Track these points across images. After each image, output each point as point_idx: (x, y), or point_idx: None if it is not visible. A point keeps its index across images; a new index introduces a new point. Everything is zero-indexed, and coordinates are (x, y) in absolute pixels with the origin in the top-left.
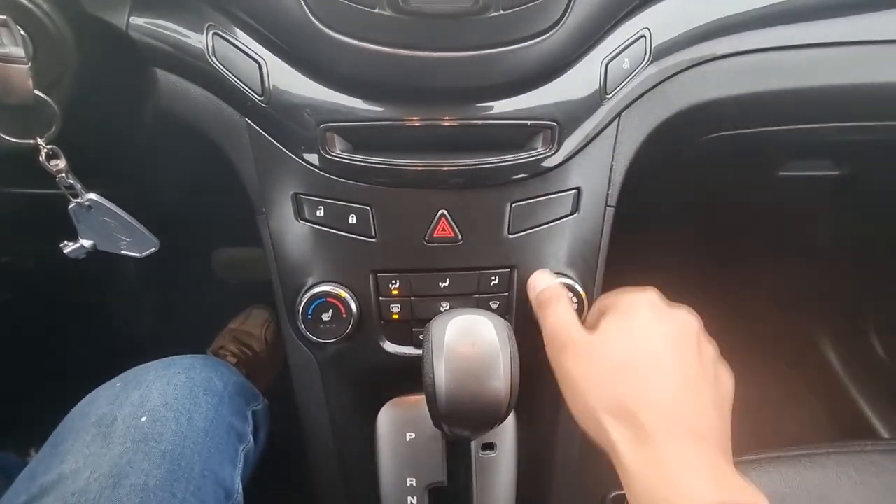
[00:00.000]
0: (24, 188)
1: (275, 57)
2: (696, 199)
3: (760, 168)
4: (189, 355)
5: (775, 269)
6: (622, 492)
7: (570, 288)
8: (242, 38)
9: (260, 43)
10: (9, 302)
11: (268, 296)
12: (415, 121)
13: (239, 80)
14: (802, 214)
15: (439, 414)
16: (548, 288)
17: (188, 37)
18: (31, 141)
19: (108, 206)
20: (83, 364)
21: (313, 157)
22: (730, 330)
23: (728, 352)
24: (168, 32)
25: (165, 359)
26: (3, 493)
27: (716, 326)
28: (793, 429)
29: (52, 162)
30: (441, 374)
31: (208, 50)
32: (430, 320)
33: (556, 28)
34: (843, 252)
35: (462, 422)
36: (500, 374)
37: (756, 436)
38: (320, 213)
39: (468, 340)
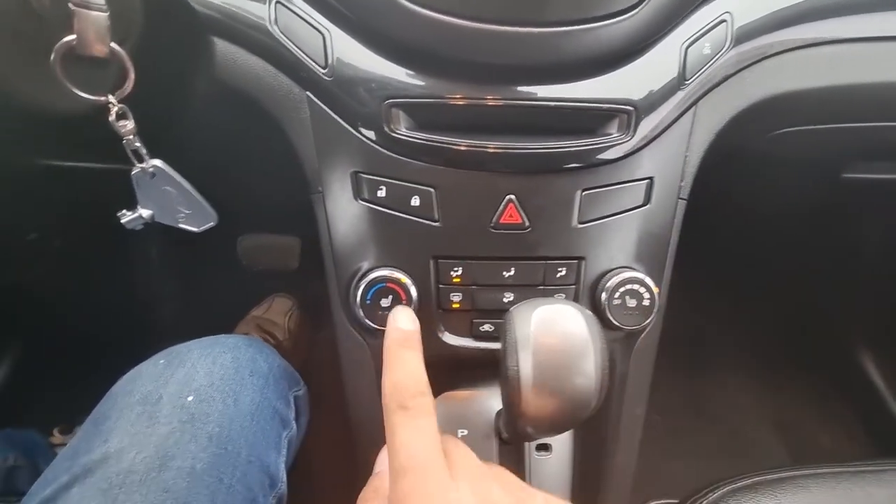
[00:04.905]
0: (64, 160)
1: (339, 29)
2: (746, 198)
3: (824, 168)
4: (232, 335)
5: (815, 277)
6: (667, 501)
7: (641, 282)
8: (306, 8)
9: (323, 14)
10: (33, 280)
11: (291, 284)
12: (486, 100)
13: (301, 51)
14: (851, 219)
15: (518, 411)
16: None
17: (250, 6)
18: (103, 98)
19: (172, 174)
20: (105, 347)
21: (376, 135)
22: (765, 341)
23: (764, 363)
24: (229, 1)
25: (208, 337)
26: (23, 470)
27: (750, 337)
28: (828, 443)
29: (121, 122)
30: (527, 367)
31: (270, 20)
32: (490, 311)
33: (641, 6)
34: (886, 259)
35: (543, 421)
36: (590, 371)
37: (790, 450)
38: (381, 193)
39: (555, 332)
